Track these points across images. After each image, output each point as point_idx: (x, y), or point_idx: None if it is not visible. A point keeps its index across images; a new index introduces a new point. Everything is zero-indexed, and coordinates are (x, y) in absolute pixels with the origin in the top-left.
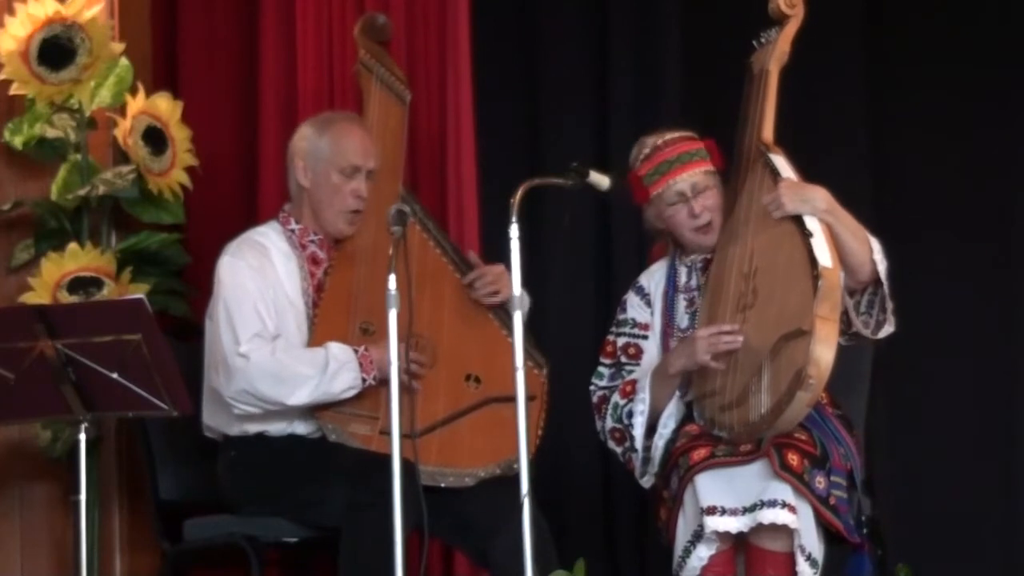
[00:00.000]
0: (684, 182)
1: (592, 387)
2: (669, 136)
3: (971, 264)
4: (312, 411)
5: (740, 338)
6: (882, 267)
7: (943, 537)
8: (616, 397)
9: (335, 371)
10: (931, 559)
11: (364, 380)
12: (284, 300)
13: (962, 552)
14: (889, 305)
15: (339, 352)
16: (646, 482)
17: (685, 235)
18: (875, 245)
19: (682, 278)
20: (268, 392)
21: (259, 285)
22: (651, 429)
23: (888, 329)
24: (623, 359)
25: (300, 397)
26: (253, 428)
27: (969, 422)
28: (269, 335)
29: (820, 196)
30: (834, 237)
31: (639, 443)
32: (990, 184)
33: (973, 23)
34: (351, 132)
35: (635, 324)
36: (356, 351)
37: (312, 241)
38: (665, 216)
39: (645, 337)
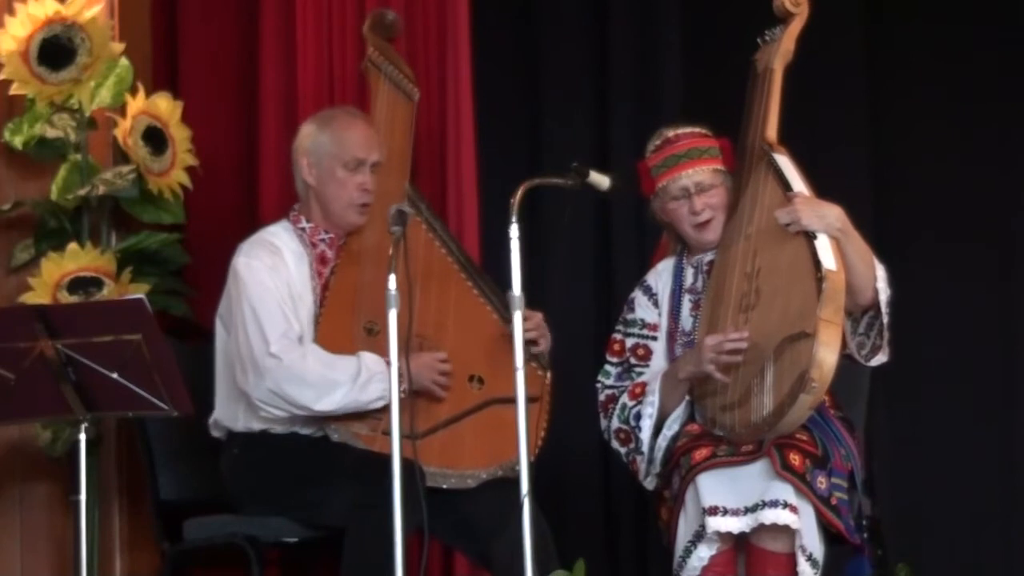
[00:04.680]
0: (689, 178)
1: (598, 385)
2: (683, 130)
3: (971, 264)
4: None
5: (744, 345)
6: (884, 296)
7: (943, 537)
8: (625, 398)
9: (366, 380)
10: (931, 559)
11: None
12: (298, 300)
13: (962, 552)
14: (886, 334)
15: (372, 362)
16: (649, 483)
17: (685, 230)
18: (880, 272)
19: (688, 279)
20: (296, 396)
21: (277, 284)
22: (656, 429)
23: (881, 358)
24: (632, 360)
25: (329, 403)
26: (258, 425)
27: (969, 423)
28: (295, 335)
29: (836, 215)
30: (842, 256)
31: (646, 446)
32: (991, 184)
33: (973, 23)
34: (353, 125)
35: (644, 325)
36: (388, 363)
37: (323, 240)
38: (668, 210)
39: (654, 338)
